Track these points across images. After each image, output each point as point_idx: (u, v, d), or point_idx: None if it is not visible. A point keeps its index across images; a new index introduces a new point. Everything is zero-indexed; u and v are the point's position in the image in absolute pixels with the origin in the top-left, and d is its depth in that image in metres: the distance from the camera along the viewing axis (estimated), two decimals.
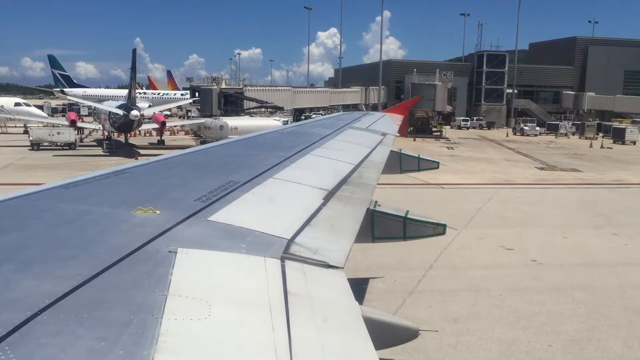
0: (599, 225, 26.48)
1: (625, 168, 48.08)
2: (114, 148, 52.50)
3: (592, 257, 21.29)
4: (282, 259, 4.13)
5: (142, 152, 49.70)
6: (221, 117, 60.63)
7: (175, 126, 71.97)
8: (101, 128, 58.20)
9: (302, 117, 73.96)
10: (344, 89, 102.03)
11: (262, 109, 79.40)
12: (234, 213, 5.09)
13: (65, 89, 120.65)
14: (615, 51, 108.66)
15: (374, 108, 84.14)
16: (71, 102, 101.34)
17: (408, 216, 8.33)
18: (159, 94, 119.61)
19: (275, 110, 77.30)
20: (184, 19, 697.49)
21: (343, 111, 65.65)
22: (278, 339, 2.90)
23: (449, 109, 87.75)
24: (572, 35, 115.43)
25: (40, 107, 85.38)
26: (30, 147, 51.86)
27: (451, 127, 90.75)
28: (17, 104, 69.71)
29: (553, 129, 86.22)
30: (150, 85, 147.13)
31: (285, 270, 3.91)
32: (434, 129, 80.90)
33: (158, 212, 4.66)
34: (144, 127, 58.12)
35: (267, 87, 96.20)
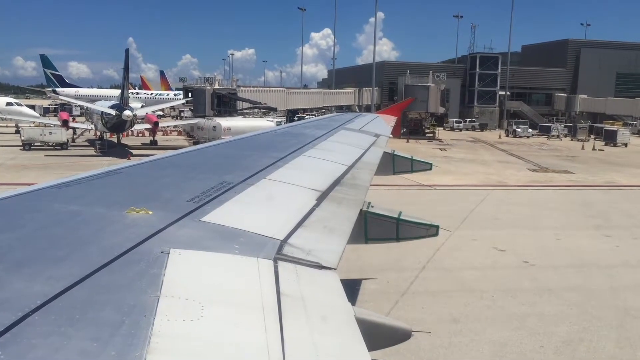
0: (591, 226, 26.63)
1: (617, 170, 48.37)
2: (106, 148, 52.32)
3: (584, 259, 21.40)
4: (275, 260, 4.12)
5: (134, 152, 49.56)
6: (214, 118, 60.51)
7: (168, 126, 71.71)
8: (93, 128, 57.98)
9: (296, 118, 73.94)
10: (338, 90, 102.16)
11: (256, 110, 79.27)
12: (227, 214, 5.08)
13: (57, 89, 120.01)
14: (607, 54, 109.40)
15: (368, 109, 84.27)
16: (63, 101, 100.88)
17: (401, 217, 8.34)
18: (151, 94, 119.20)
19: (268, 111, 77.23)
20: (178, 19, 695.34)
21: (336, 112, 65.67)
22: (271, 340, 2.89)
23: (442, 110, 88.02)
24: (565, 38, 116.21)
25: (33, 107, 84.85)
26: (22, 147, 51.58)
27: (444, 129, 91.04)
28: (8, 104, 69.29)
29: (545, 131, 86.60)
30: (143, 86, 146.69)
31: (278, 271, 3.90)
32: (427, 131, 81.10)
33: (151, 212, 4.64)
34: (137, 127, 57.95)
35: (261, 88, 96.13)
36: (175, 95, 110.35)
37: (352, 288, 16.17)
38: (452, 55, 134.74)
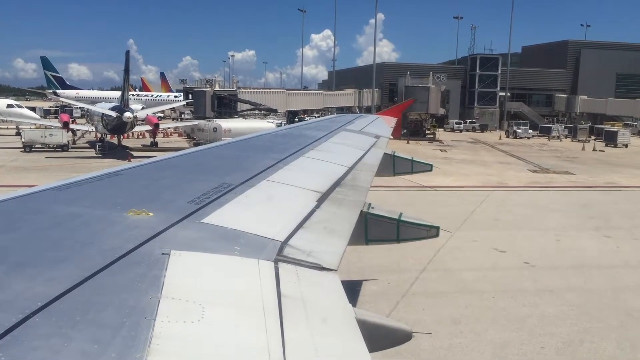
0: (591, 227, 26.61)
1: (617, 171, 48.35)
2: (106, 150, 52.33)
3: (585, 260, 21.39)
4: (276, 261, 4.12)
5: (135, 154, 49.56)
6: (215, 119, 60.54)
7: (169, 128, 71.79)
8: (94, 130, 58.02)
9: (296, 120, 73.96)
10: (338, 92, 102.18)
11: (256, 111, 79.28)
12: (228, 215, 5.07)
13: (57, 91, 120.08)
14: (607, 54, 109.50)
15: (368, 110, 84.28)
16: (64, 103, 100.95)
17: (401, 218, 8.34)
18: (152, 95, 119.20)
19: (268, 112, 77.22)
20: (178, 21, 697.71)
21: (337, 113, 65.67)
22: (271, 341, 2.89)
23: (442, 111, 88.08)
24: (565, 39, 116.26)
25: (33, 109, 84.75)
26: (23, 149, 51.62)
27: (444, 130, 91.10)
28: (9, 106, 69.35)
29: (546, 132, 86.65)
30: (144, 87, 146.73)
31: (278, 273, 3.90)
32: (427, 132, 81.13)
33: (151, 214, 4.64)
34: (137, 129, 57.98)
35: (261, 90, 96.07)
36: (175, 97, 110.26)
37: (352, 289, 16.16)
38: (452, 57, 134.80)
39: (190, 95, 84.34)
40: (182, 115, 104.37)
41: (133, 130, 56.62)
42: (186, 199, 5.39)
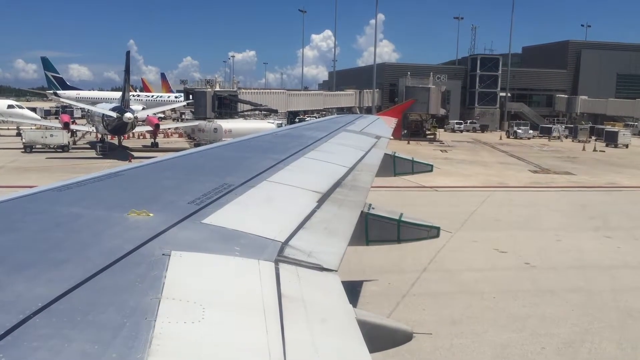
0: (592, 228, 26.60)
1: (618, 171, 48.35)
2: (107, 150, 52.36)
3: (586, 260, 21.38)
4: (276, 262, 4.11)
5: (135, 154, 49.59)
6: (215, 120, 60.56)
7: (169, 129, 71.84)
8: (94, 130, 58.05)
9: (296, 120, 73.99)
10: (338, 92, 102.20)
11: (256, 112, 79.26)
12: (228, 216, 5.07)
13: (58, 91, 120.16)
14: (607, 55, 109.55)
15: (368, 111, 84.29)
16: (64, 104, 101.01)
17: (402, 219, 8.34)
18: (152, 96, 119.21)
19: (269, 112, 77.23)
20: (178, 22, 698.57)
21: (337, 114, 65.62)
22: (272, 341, 2.89)
23: (442, 112, 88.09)
24: (565, 39, 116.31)
25: (34, 110, 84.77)
26: (23, 150, 51.67)
27: (445, 130, 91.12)
28: (10, 106, 69.40)
29: (546, 132, 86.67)
30: (144, 88, 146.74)
31: (279, 273, 3.89)
32: (427, 132, 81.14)
33: (151, 214, 4.64)
34: (138, 129, 58.02)
35: (261, 90, 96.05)
36: (176, 97, 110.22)
37: (353, 290, 16.16)
38: (453, 57, 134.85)
39: (190, 96, 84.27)
40: (183, 116, 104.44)
41: (133, 130, 56.65)
42: (187, 200, 5.39)
